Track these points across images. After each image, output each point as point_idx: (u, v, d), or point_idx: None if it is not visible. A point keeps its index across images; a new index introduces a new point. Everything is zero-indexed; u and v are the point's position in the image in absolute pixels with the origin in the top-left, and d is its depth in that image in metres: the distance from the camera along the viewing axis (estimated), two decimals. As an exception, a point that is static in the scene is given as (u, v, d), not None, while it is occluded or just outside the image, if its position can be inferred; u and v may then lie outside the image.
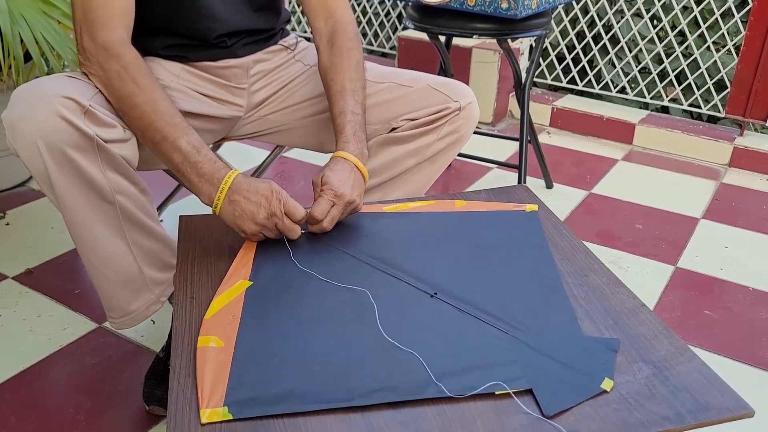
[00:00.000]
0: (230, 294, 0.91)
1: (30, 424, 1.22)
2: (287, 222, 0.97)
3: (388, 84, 1.26)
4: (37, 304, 1.54)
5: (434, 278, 0.92)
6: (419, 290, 0.89)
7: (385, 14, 3.25)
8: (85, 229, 1.07)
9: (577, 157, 2.44)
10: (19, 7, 1.67)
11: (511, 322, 0.83)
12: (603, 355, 0.78)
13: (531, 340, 0.80)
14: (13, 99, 1.00)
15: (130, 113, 1.03)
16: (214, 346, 0.80)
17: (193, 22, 1.18)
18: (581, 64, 2.78)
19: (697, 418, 0.71)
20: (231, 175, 1.00)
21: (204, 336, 0.82)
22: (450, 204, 1.11)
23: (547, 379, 0.74)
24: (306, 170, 2.26)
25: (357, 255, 0.97)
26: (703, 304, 1.63)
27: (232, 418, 0.71)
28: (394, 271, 0.93)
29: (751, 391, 1.35)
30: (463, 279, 0.92)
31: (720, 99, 2.51)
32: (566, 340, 0.80)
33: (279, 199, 0.97)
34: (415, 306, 0.87)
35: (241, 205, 0.97)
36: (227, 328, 0.84)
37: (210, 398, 0.73)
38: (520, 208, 1.10)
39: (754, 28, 2.26)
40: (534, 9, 1.70)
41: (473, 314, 0.85)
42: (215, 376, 0.76)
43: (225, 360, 0.78)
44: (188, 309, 0.89)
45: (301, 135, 1.36)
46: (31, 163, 0.99)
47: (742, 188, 2.24)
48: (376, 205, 1.11)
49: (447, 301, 0.87)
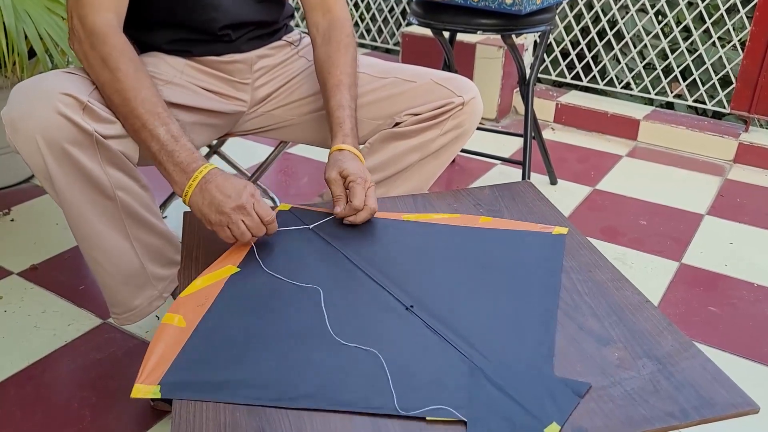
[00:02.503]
0: (214, 277, 0.91)
1: (35, 419, 1.22)
2: (255, 218, 0.95)
3: (392, 79, 1.26)
4: (42, 300, 1.54)
5: (419, 291, 0.90)
6: (397, 300, 0.88)
7: (389, 10, 3.25)
8: (86, 225, 1.07)
9: (582, 153, 2.43)
10: (23, 4, 1.67)
11: (479, 349, 0.80)
12: (563, 398, 0.73)
13: (492, 370, 0.77)
14: (12, 96, 1.00)
15: (113, 99, 1.02)
16: (175, 324, 0.81)
17: (196, 14, 1.18)
18: (586, 59, 2.77)
19: (701, 414, 0.71)
20: (207, 167, 0.99)
21: (170, 313, 0.83)
22: (474, 219, 1.08)
23: (489, 413, 0.71)
24: (310, 166, 2.26)
25: (353, 259, 0.96)
26: (707, 300, 1.62)
27: (160, 398, 0.72)
28: (381, 279, 0.92)
29: (756, 387, 1.35)
30: (448, 296, 0.90)
31: (725, 95, 2.50)
32: (530, 377, 0.76)
33: (252, 195, 0.96)
34: (387, 316, 0.85)
35: (211, 193, 0.96)
36: (196, 310, 0.84)
37: (149, 375, 0.74)
38: (547, 230, 1.05)
39: (759, 24, 2.25)
40: (538, 5, 1.70)
41: (441, 333, 0.82)
42: (163, 355, 0.77)
43: (180, 340, 0.79)
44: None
45: (304, 130, 1.36)
46: (31, 159, 1.00)
47: (747, 184, 2.24)
48: (397, 213, 1.09)
49: (420, 315, 0.85)
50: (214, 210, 0.95)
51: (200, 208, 0.97)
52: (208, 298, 0.86)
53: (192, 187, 0.98)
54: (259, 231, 0.96)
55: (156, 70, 1.19)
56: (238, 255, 0.96)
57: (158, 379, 0.74)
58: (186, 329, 0.80)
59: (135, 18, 1.13)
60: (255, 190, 0.97)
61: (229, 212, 0.94)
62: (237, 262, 0.94)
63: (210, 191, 0.96)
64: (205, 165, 0.99)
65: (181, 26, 1.20)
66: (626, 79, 2.69)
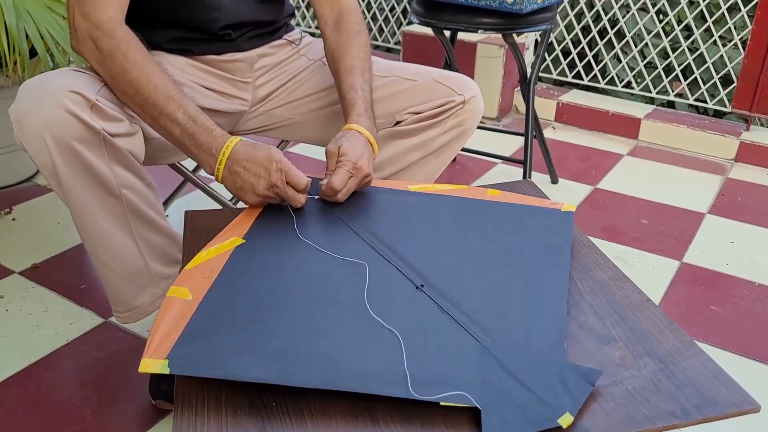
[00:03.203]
0: (219, 249, 0.89)
1: (37, 418, 1.23)
2: (290, 192, 0.97)
3: (393, 78, 1.26)
4: (43, 299, 1.55)
5: (428, 268, 0.88)
6: (407, 279, 0.86)
7: (390, 9, 3.25)
8: (91, 223, 1.07)
9: (583, 152, 2.43)
10: (24, 3, 1.68)
11: (490, 331, 0.77)
12: (576, 386, 0.71)
13: (502, 354, 0.74)
14: (20, 94, 1.01)
15: (127, 90, 1.03)
16: (181, 297, 0.79)
17: (197, 14, 1.18)
18: (587, 58, 2.77)
19: (702, 413, 0.71)
20: (229, 144, 0.99)
21: (176, 286, 0.81)
22: (481, 192, 1.06)
23: (502, 401, 0.69)
24: (311, 165, 2.26)
25: (359, 231, 0.94)
26: (708, 299, 1.62)
27: (168, 373, 0.69)
28: (389, 254, 0.90)
29: (758, 386, 1.35)
30: (458, 274, 0.87)
31: (726, 94, 2.50)
32: (541, 363, 0.73)
33: (280, 169, 0.96)
34: (397, 294, 0.83)
35: (241, 176, 0.97)
36: (202, 282, 0.82)
37: (157, 348, 0.71)
38: (556, 206, 1.03)
39: (760, 23, 2.25)
40: (539, 3, 1.70)
41: (452, 315, 0.80)
42: (170, 328, 0.74)
43: (186, 313, 0.76)
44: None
45: (306, 129, 1.36)
46: (39, 157, 1.00)
47: (748, 183, 2.24)
48: (402, 182, 1.08)
49: (430, 295, 0.83)
50: (250, 192, 0.97)
51: (236, 192, 0.99)
52: (214, 269, 0.84)
53: (220, 171, 0.99)
54: (297, 202, 0.98)
55: (158, 69, 1.19)
56: (244, 226, 0.94)
57: (165, 353, 0.71)
58: (192, 301, 0.78)
59: (135, 17, 1.13)
60: (280, 159, 0.97)
61: (265, 193, 0.97)
62: (242, 233, 0.92)
63: (239, 174, 0.97)
64: (227, 144, 0.99)
65: (183, 26, 1.20)
66: (627, 78, 2.69)
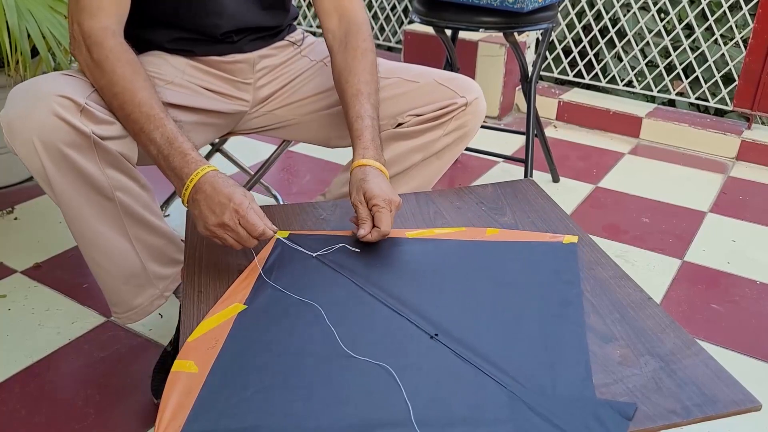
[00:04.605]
0: (221, 317, 0.86)
1: (39, 417, 1.23)
2: (242, 233, 0.93)
3: (395, 79, 1.25)
4: (45, 298, 1.55)
5: (440, 316, 0.85)
6: (420, 329, 0.82)
7: (391, 8, 3.25)
8: (85, 226, 1.07)
9: (584, 151, 2.43)
10: (26, 3, 1.68)
11: (514, 375, 0.75)
12: (613, 423, 0.68)
13: (531, 398, 0.72)
14: (9, 98, 1.01)
15: (112, 102, 1.03)
16: (187, 371, 0.76)
17: (200, 18, 1.18)
18: (588, 57, 2.77)
19: (704, 411, 0.71)
20: (199, 172, 0.96)
21: (181, 360, 0.78)
22: (480, 232, 1.03)
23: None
24: (312, 164, 2.26)
25: (364, 286, 0.91)
26: (710, 297, 1.62)
27: None
28: (398, 306, 0.87)
29: (758, 384, 1.34)
30: (472, 319, 0.84)
31: (727, 92, 2.50)
32: (573, 403, 0.71)
33: (236, 211, 0.92)
34: (411, 346, 0.80)
35: (199, 206, 0.95)
36: (207, 353, 0.79)
37: (168, 425, 0.69)
38: (557, 239, 1.01)
39: (762, 21, 2.25)
40: (540, 2, 1.70)
41: (472, 362, 0.77)
42: (179, 403, 0.72)
43: (195, 387, 0.74)
44: (196, 302, 0.89)
45: (307, 130, 1.36)
46: (29, 161, 1.00)
47: (749, 182, 2.24)
48: (399, 230, 1.04)
49: (446, 344, 0.80)
50: (202, 224, 0.95)
51: (194, 218, 0.97)
52: (218, 339, 0.81)
53: (185, 196, 0.97)
54: (248, 244, 0.94)
55: (158, 70, 1.19)
56: (244, 291, 0.91)
57: (178, 429, 0.69)
58: (199, 375, 0.76)
59: (138, 15, 1.13)
60: (243, 200, 0.93)
61: (213, 229, 0.93)
62: (243, 298, 0.89)
63: (198, 204, 0.95)
64: (197, 171, 0.96)
65: (185, 28, 1.20)
66: (628, 77, 2.69)
